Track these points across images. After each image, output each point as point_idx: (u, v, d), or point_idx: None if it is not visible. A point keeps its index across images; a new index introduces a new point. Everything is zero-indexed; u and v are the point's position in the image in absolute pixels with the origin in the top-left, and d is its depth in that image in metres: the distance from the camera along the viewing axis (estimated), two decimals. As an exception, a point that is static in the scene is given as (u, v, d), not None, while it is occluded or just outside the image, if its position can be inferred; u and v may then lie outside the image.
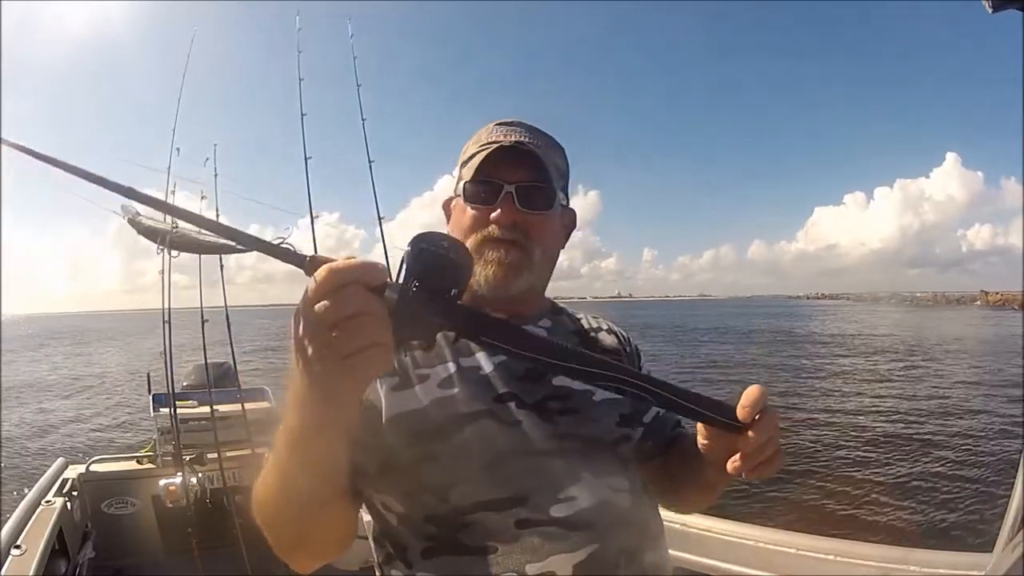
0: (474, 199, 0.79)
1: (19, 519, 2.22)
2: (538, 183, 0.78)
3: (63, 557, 2.40)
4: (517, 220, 0.77)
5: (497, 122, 0.84)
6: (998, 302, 75.85)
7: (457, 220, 0.82)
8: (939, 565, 1.47)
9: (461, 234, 0.80)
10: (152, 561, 3.02)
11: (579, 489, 0.70)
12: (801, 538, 1.69)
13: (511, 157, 0.77)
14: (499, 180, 0.77)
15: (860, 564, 1.55)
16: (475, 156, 0.79)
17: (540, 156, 0.77)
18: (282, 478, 0.58)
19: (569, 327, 0.89)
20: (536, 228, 0.79)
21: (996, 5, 0.61)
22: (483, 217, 0.78)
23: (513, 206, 0.77)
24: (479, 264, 0.77)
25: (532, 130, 0.83)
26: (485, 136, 0.82)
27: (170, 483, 2.87)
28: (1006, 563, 0.74)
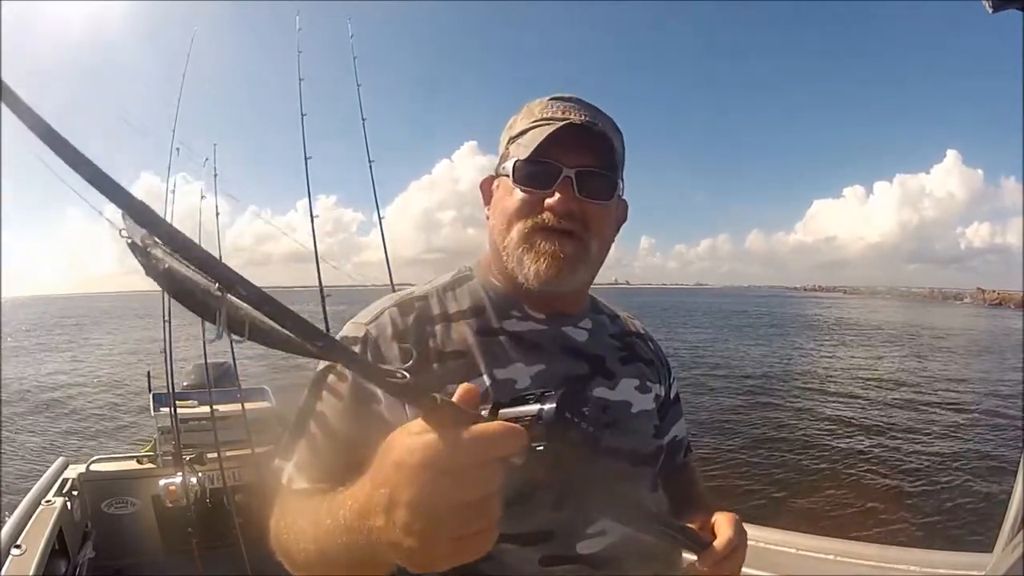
0: (528, 181, 0.70)
1: (19, 519, 2.22)
2: (601, 169, 0.71)
3: (63, 557, 2.40)
4: (575, 209, 0.69)
5: (552, 97, 0.75)
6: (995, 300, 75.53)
7: (502, 203, 0.74)
8: (939, 565, 1.47)
9: (506, 219, 0.72)
10: (152, 561, 3.02)
11: (610, 522, 0.67)
12: (801, 538, 1.69)
13: (573, 138, 0.68)
14: (559, 162, 0.69)
15: (860, 564, 1.55)
16: (530, 132, 0.71)
17: (611, 141, 0.70)
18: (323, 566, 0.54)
19: (609, 328, 0.84)
20: (595, 219, 0.71)
21: (996, 5, 0.61)
22: (536, 202, 0.70)
23: (572, 193, 0.69)
24: (529, 255, 0.70)
25: (593, 109, 0.74)
26: (540, 110, 0.73)
27: (170, 483, 2.87)
28: (1006, 563, 0.74)
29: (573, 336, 0.77)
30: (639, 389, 0.78)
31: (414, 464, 0.38)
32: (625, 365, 0.79)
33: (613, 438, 0.72)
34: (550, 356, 0.73)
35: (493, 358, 0.70)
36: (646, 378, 0.81)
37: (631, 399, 0.77)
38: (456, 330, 0.72)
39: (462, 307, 0.74)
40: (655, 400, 0.81)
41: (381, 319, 0.71)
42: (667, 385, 0.86)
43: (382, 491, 0.40)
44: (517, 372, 0.70)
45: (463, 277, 0.79)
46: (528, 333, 0.74)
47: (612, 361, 0.78)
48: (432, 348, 0.70)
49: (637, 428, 0.76)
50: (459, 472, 0.37)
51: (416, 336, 0.70)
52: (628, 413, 0.76)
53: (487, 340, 0.72)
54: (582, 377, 0.74)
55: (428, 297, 0.75)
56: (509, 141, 0.75)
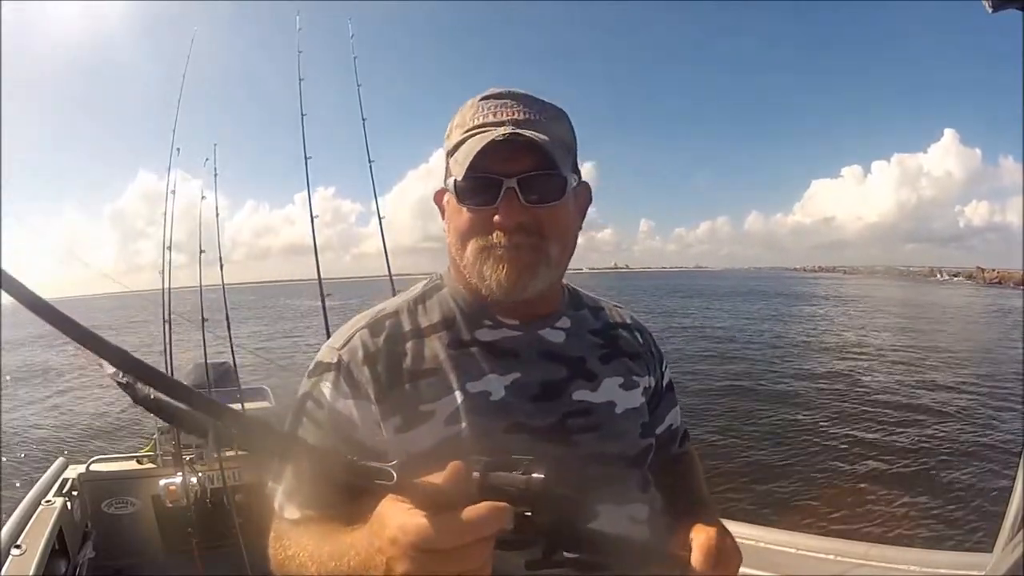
0: (470, 198, 0.68)
1: (19, 519, 2.23)
2: (545, 171, 0.66)
3: (63, 557, 2.40)
4: (524, 220, 0.66)
5: (482, 96, 0.71)
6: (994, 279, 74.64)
7: (453, 221, 0.72)
8: (939, 565, 1.47)
9: (459, 238, 0.70)
10: (152, 561, 3.02)
11: (596, 524, 0.65)
12: (801, 538, 1.69)
13: (508, 145, 0.64)
14: (496, 175, 0.66)
15: (860, 564, 1.55)
16: (464, 145, 0.67)
17: (543, 143, 0.65)
18: None
19: (590, 324, 0.81)
20: (549, 223, 0.68)
21: (996, 5, 0.61)
22: (483, 219, 0.67)
23: (518, 203, 0.66)
24: (487, 265, 0.67)
25: (527, 102, 0.70)
26: (471, 116, 0.69)
27: (170, 483, 2.87)
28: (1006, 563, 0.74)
29: (549, 339, 0.75)
30: (623, 386, 0.77)
31: (407, 544, 0.42)
32: (607, 363, 0.77)
33: (597, 443, 0.71)
34: (525, 363, 0.72)
35: (465, 372, 0.69)
36: (632, 372, 0.79)
37: (615, 399, 0.75)
38: (428, 346, 0.71)
39: (432, 320, 0.73)
40: (643, 393, 0.79)
41: (352, 343, 0.71)
42: (658, 374, 0.84)
43: (380, 557, 0.46)
44: (490, 383, 0.69)
45: (433, 287, 0.78)
46: (501, 341, 0.73)
47: (593, 360, 0.76)
48: (404, 368, 0.69)
49: (623, 430, 0.74)
50: (449, 552, 0.42)
51: (387, 357, 0.70)
52: (612, 414, 0.74)
53: (458, 353, 0.71)
54: (561, 381, 0.72)
55: (399, 312, 0.74)
56: (448, 154, 0.72)
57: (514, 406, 0.69)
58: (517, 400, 0.69)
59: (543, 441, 0.68)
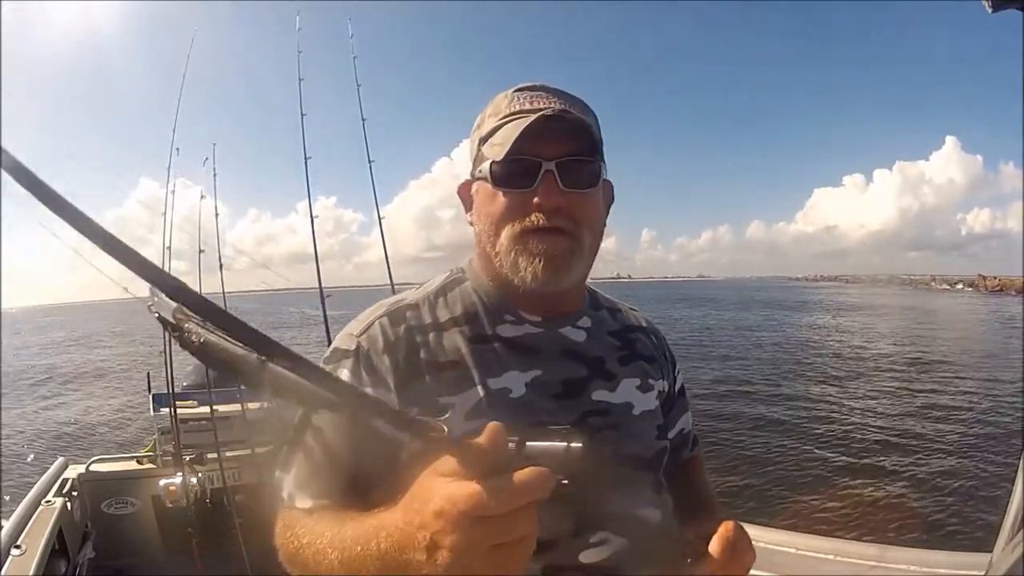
0: (508, 182, 0.68)
1: (19, 519, 2.23)
2: (582, 157, 0.68)
3: (63, 557, 2.40)
4: (561, 203, 0.66)
5: (516, 88, 0.72)
6: (996, 287, 74.38)
7: (485, 208, 0.71)
8: (939, 565, 1.47)
9: (492, 224, 0.70)
10: (152, 561, 3.02)
11: (611, 529, 0.66)
12: (801, 538, 1.69)
13: (548, 129, 0.65)
14: (537, 157, 0.66)
15: (860, 564, 1.55)
16: (502, 129, 0.68)
17: (588, 124, 0.67)
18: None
19: (609, 325, 0.81)
20: (583, 209, 0.68)
21: (996, 5, 0.61)
22: (521, 203, 0.67)
23: (556, 186, 0.66)
24: (522, 257, 0.67)
25: (560, 94, 0.72)
26: (506, 105, 0.70)
27: (170, 483, 2.87)
28: (1006, 563, 0.74)
29: (570, 337, 0.75)
30: (640, 388, 0.77)
31: (456, 514, 0.40)
32: (626, 365, 0.78)
33: (616, 443, 0.71)
34: (546, 360, 0.72)
35: (486, 367, 0.69)
36: (648, 376, 0.79)
37: (632, 400, 0.75)
38: (448, 339, 0.70)
39: (454, 314, 0.73)
40: (658, 397, 0.80)
41: (372, 330, 0.70)
42: (671, 378, 0.85)
43: (422, 533, 0.43)
44: (511, 380, 0.69)
45: (455, 280, 0.77)
46: (523, 338, 0.72)
47: (612, 362, 0.76)
48: (424, 359, 0.68)
49: (639, 431, 0.74)
50: (498, 519, 0.40)
51: (407, 347, 0.69)
52: (630, 416, 0.74)
53: (480, 348, 0.70)
54: (581, 380, 0.72)
55: (419, 305, 0.73)
56: (480, 142, 0.72)
57: (535, 404, 0.68)
58: (538, 398, 0.69)
59: None
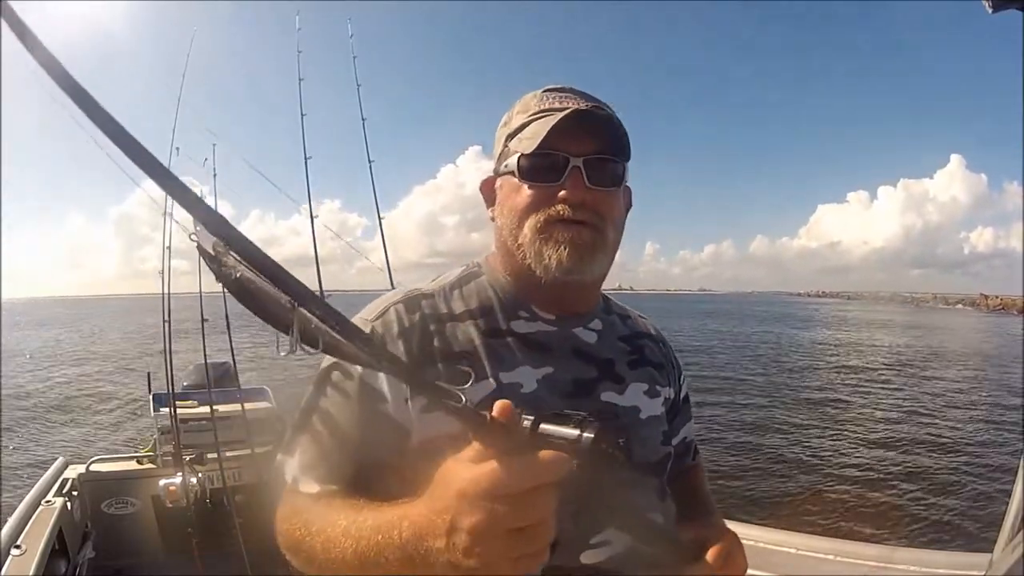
0: (536, 175, 0.69)
1: (19, 519, 2.23)
2: (609, 155, 0.69)
3: (63, 557, 2.40)
4: (587, 199, 0.68)
5: (546, 88, 0.74)
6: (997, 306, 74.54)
7: (509, 201, 0.72)
8: (939, 565, 1.47)
9: (517, 216, 0.70)
10: (152, 561, 3.02)
11: (614, 531, 0.66)
12: (801, 538, 1.69)
13: (577, 126, 0.67)
14: (566, 152, 0.67)
15: (860, 564, 1.55)
16: (532, 125, 0.70)
17: (617, 124, 0.69)
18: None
19: (619, 330, 0.82)
20: (607, 207, 0.70)
21: (996, 5, 0.61)
22: (546, 196, 0.68)
23: (582, 182, 0.67)
24: (548, 245, 0.68)
25: (590, 96, 0.73)
26: (535, 103, 0.72)
27: (170, 483, 2.87)
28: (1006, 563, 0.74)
29: (582, 338, 0.76)
30: (648, 394, 0.77)
31: (477, 493, 0.41)
32: (634, 369, 0.78)
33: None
34: (558, 359, 0.72)
35: (499, 360, 0.69)
36: (655, 382, 0.79)
37: (640, 404, 0.75)
38: (462, 330, 0.71)
39: (469, 306, 0.73)
40: (664, 403, 0.80)
41: (387, 316, 0.70)
42: (677, 387, 0.85)
43: (444, 517, 0.43)
44: (523, 375, 0.69)
45: (471, 274, 0.78)
46: (536, 335, 0.73)
47: (621, 365, 0.77)
48: (437, 348, 0.69)
49: (646, 435, 0.75)
50: (518, 499, 0.40)
51: (421, 335, 0.69)
52: (637, 419, 0.74)
53: (493, 342, 0.70)
54: (590, 381, 0.73)
55: (435, 295, 0.74)
56: (508, 138, 0.73)
57: (545, 400, 0.68)
58: (548, 395, 0.69)
59: None
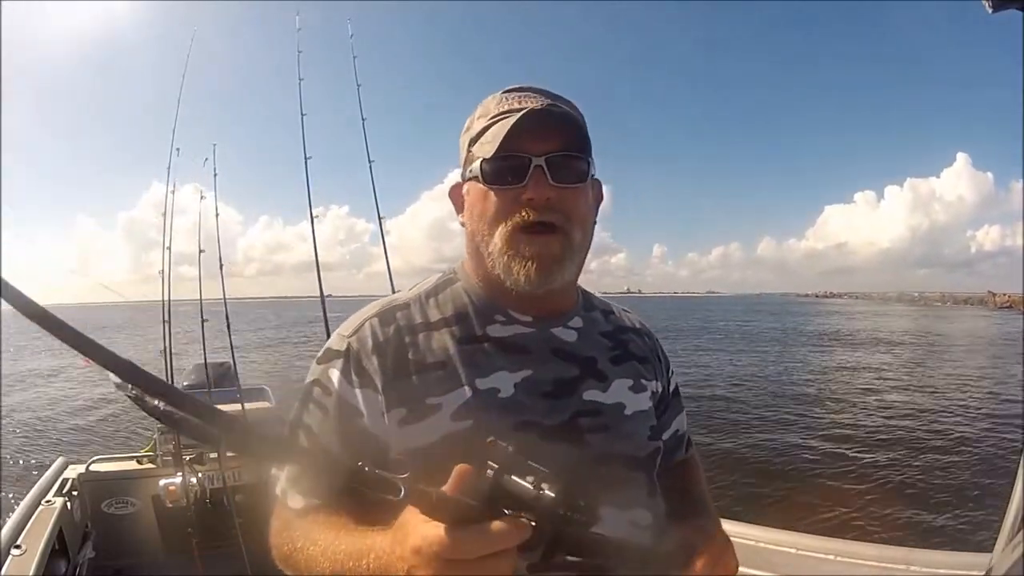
0: (499, 178, 0.69)
1: (19, 519, 2.23)
2: (571, 152, 0.69)
3: (63, 557, 2.40)
4: (552, 197, 0.67)
5: (506, 89, 0.74)
6: (1006, 303, 73.83)
7: (477, 207, 0.72)
8: (939, 565, 1.47)
9: (485, 223, 0.70)
10: (152, 561, 3.02)
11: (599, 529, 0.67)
12: (801, 538, 1.69)
13: (537, 125, 0.67)
14: (526, 153, 0.67)
15: (860, 564, 1.55)
16: (491, 128, 0.70)
17: (576, 119, 0.69)
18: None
19: (601, 326, 0.81)
20: (573, 204, 0.69)
21: (996, 5, 0.61)
22: (511, 199, 0.68)
23: (545, 181, 0.67)
24: (515, 261, 0.68)
25: (549, 93, 0.73)
26: (495, 106, 0.72)
27: (170, 483, 2.87)
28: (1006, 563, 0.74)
29: (562, 337, 0.75)
30: (633, 389, 0.77)
31: (430, 554, 0.44)
32: (618, 365, 0.77)
33: (607, 443, 0.71)
34: (537, 360, 0.72)
35: (475, 367, 0.69)
36: (641, 376, 0.79)
37: (624, 400, 0.75)
38: (437, 339, 0.71)
39: (445, 314, 0.73)
40: (651, 398, 0.80)
41: (362, 332, 0.71)
42: (665, 380, 0.85)
43: (402, 564, 0.46)
44: (500, 380, 0.69)
45: (447, 281, 0.78)
46: (513, 338, 0.72)
47: (604, 362, 0.76)
48: (412, 359, 0.69)
49: (631, 431, 0.74)
50: (468, 563, 0.43)
51: (396, 348, 0.69)
52: (621, 415, 0.74)
53: (469, 348, 0.70)
54: (572, 380, 0.72)
55: (410, 305, 0.74)
56: (470, 143, 0.73)
57: (523, 404, 0.68)
58: (527, 397, 0.69)
59: (553, 439, 0.67)
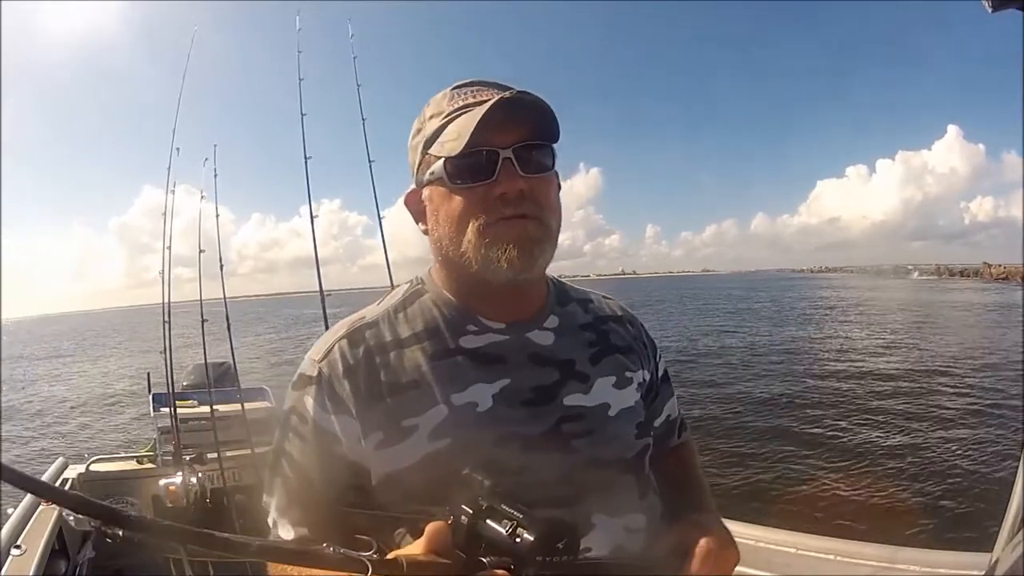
0: (465, 176, 0.65)
1: (19, 519, 2.23)
2: (536, 140, 0.66)
3: (63, 557, 2.40)
4: (524, 188, 0.64)
5: (454, 86, 0.71)
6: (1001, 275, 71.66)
7: (442, 210, 0.68)
8: (939, 565, 1.47)
9: (454, 223, 0.67)
10: (152, 561, 3.02)
11: (592, 537, 0.64)
12: (801, 538, 1.69)
13: (500, 117, 0.63)
14: (492, 147, 0.64)
15: (860, 564, 1.55)
16: (451, 126, 0.67)
17: (546, 106, 0.65)
18: None
19: (579, 319, 0.78)
20: (544, 194, 0.67)
21: (996, 5, 0.61)
22: (481, 195, 0.65)
23: (515, 173, 0.64)
24: (493, 248, 0.64)
25: (501, 85, 0.70)
26: (447, 103, 0.69)
27: (170, 483, 2.88)
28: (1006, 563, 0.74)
29: (537, 341, 0.72)
30: (616, 385, 0.74)
31: None
32: (598, 363, 0.75)
33: (593, 448, 0.69)
34: (514, 368, 0.69)
35: (450, 382, 0.67)
36: (625, 368, 0.76)
37: (609, 400, 0.73)
38: (409, 356, 0.68)
39: (415, 329, 0.71)
40: (638, 389, 0.77)
41: (332, 355, 0.69)
42: (652, 366, 0.82)
43: None
44: (477, 393, 0.67)
45: (415, 292, 0.75)
46: (488, 347, 0.70)
47: (583, 362, 0.74)
48: (385, 381, 0.67)
49: (617, 432, 0.72)
50: None
51: (367, 369, 0.68)
52: (605, 417, 0.71)
53: (442, 363, 0.68)
54: (552, 385, 0.70)
55: (379, 322, 0.72)
56: (426, 145, 0.69)
57: (503, 415, 0.66)
58: (507, 408, 0.67)
59: (537, 449, 0.66)
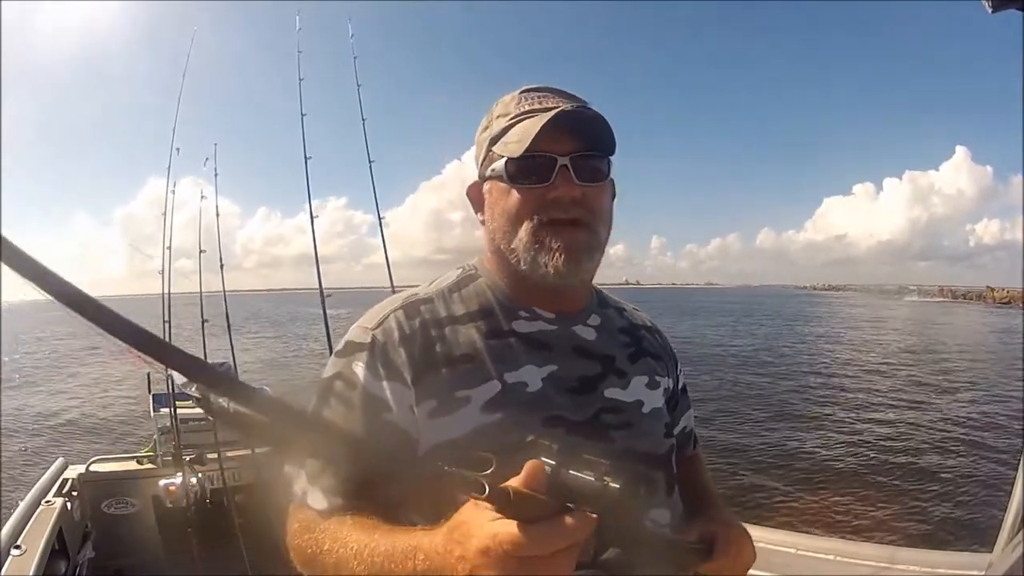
0: (525, 177, 0.70)
1: (19, 519, 2.23)
2: (593, 152, 0.70)
3: (63, 557, 2.40)
4: (577, 196, 0.69)
5: (522, 90, 0.75)
6: (1004, 299, 71.98)
7: (499, 205, 0.73)
8: (939, 565, 1.47)
9: (509, 220, 0.71)
10: (152, 561, 3.02)
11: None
12: (801, 538, 1.69)
13: (564, 126, 0.68)
14: (552, 153, 0.69)
15: (860, 564, 1.55)
16: (515, 128, 0.71)
17: (604, 121, 0.70)
18: None
19: (617, 323, 0.82)
20: (596, 202, 0.71)
21: (996, 5, 0.61)
22: (537, 197, 0.69)
23: (571, 180, 0.68)
24: (541, 252, 0.69)
25: (567, 94, 0.75)
26: (515, 105, 0.73)
27: (170, 483, 2.87)
28: (1006, 563, 0.74)
29: (583, 335, 0.76)
30: (649, 386, 0.78)
31: (500, 553, 0.43)
32: (635, 362, 0.79)
33: (629, 440, 0.72)
34: (561, 357, 0.72)
35: (503, 361, 0.69)
36: (655, 373, 0.80)
37: (643, 398, 0.76)
38: (464, 333, 0.71)
39: (469, 309, 0.73)
40: (664, 394, 0.81)
41: (387, 323, 0.70)
42: (675, 376, 0.86)
43: (463, 565, 0.46)
44: (528, 374, 0.69)
45: (468, 276, 0.78)
46: (538, 334, 0.73)
47: (622, 359, 0.77)
48: (440, 352, 0.69)
49: (650, 429, 0.75)
50: (539, 560, 0.43)
51: (423, 340, 0.69)
52: (640, 413, 0.75)
53: (496, 343, 0.71)
54: (594, 377, 0.73)
55: (434, 299, 0.74)
56: (491, 143, 0.74)
57: (551, 398, 0.69)
58: (554, 392, 0.69)
59: (579, 435, 0.68)
